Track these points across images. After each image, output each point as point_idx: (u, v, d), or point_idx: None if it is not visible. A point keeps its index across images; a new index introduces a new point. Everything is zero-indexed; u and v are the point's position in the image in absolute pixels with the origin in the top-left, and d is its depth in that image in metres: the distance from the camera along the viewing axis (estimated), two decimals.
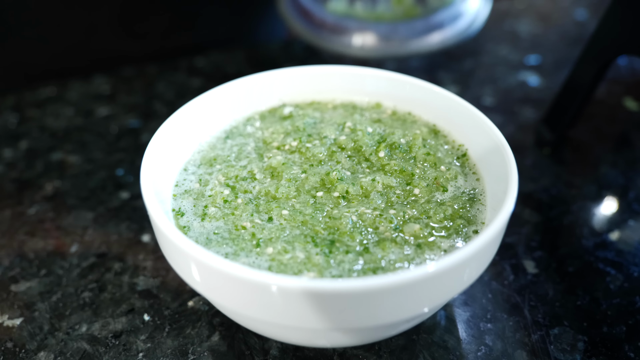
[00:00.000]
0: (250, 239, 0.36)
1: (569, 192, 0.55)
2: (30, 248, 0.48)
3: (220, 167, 0.42)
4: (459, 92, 0.71)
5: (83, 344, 0.40)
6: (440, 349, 0.40)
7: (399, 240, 0.35)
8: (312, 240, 0.35)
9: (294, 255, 0.34)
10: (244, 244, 0.35)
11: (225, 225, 0.37)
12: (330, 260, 0.34)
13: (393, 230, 0.36)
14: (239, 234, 0.36)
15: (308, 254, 0.34)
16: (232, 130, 0.46)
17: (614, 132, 0.65)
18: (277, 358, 0.39)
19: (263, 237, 0.36)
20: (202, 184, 0.41)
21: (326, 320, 0.29)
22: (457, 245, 0.35)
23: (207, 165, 0.42)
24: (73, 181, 0.56)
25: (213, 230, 0.37)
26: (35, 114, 0.67)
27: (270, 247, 0.35)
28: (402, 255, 0.34)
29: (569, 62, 0.78)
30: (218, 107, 0.45)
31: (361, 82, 0.48)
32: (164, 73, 0.75)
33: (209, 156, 0.43)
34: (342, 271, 0.33)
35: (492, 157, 0.39)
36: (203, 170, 0.42)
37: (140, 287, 0.45)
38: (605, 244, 0.48)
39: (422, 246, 0.35)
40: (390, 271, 0.33)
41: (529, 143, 0.62)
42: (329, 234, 0.36)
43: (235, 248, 0.35)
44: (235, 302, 0.31)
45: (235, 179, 0.40)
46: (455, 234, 0.36)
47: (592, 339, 0.40)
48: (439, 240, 0.36)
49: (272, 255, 0.34)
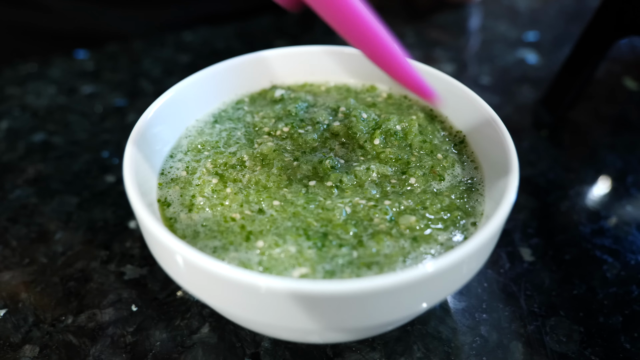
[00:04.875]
0: (240, 231, 0.34)
1: (566, 176, 0.54)
2: (13, 235, 0.47)
3: (209, 153, 0.40)
4: (456, 70, 0.69)
5: (69, 336, 0.39)
6: (435, 340, 0.39)
7: (394, 233, 0.34)
8: (304, 233, 0.34)
9: (285, 249, 0.33)
10: (233, 237, 0.34)
11: (213, 217, 0.35)
12: (323, 254, 0.32)
13: (388, 222, 0.35)
14: (228, 226, 0.35)
15: (300, 247, 0.33)
16: (221, 114, 0.44)
17: (612, 113, 0.63)
18: (268, 350, 0.38)
19: (253, 229, 0.34)
20: (189, 172, 0.39)
21: (318, 321, 0.28)
22: (454, 239, 0.34)
23: (194, 152, 0.40)
24: (56, 164, 0.54)
25: (201, 222, 0.35)
26: (15, 91, 0.65)
27: (261, 240, 0.33)
28: (397, 249, 0.33)
29: (568, 38, 0.76)
30: (206, 90, 0.43)
31: (356, 63, 0.46)
32: (150, 49, 0.72)
33: (197, 142, 0.41)
34: (335, 266, 0.32)
35: (491, 145, 0.38)
36: (190, 157, 0.40)
37: (127, 276, 0.43)
38: (602, 230, 0.48)
39: (419, 239, 0.34)
40: (386, 266, 0.32)
41: (526, 124, 0.60)
42: (322, 226, 0.34)
43: (224, 241, 0.34)
44: (222, 302, 0.30)
45: (224, 166, 0.39)
46: (453, 227, 0.35)
47: (588, 329, 0.40)
48: (436, 233, 0.34)
49: (262, 249, 0.33)
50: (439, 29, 0.79)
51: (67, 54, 0.71)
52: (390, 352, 0.38)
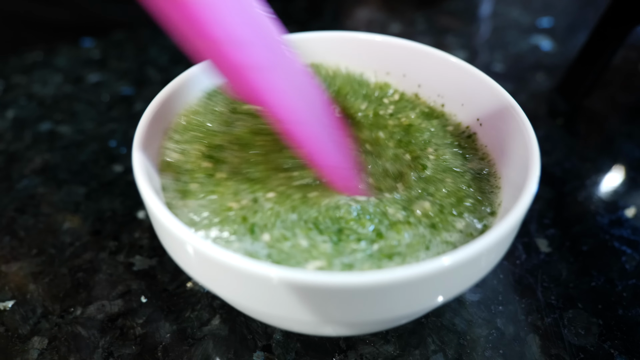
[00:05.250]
0: (242, 222, 0.32)
1: (583, 165, 0.52)
2: (20, 225, 0.46)
3: (202, 135, 0.38)
4: (468, 57, 0.68)
5: (78, 328, 0.38)
6: (450, 332, 0.38)
7: (412, 221, 0.33)
8: (315, 227, 0.32)
9: (296, 242, 0.31)
10: (236, 227, 0.32)
11: (210, 205, 0.33)
12: (340, 249, 0.31)
13: (402, 210, 0.33)
14: (228, 216, 0.32)
15: (313, 241, 0.31)
16: (216, 91, 0.42)
17: (629, 100, 0.62)
18: (280, 342, 0.37)
19: (257, 221, 0.32)
20: (183, 155, 0.37)
21: (331, 314, 0.27)
22: (473, 227, 0.33)
23: (187, 133, 0.38)
24: (63, 153, 0.54)
25: (197, 209, 0.33)
26: (21, 80, 0.64)
27: (267, 233, 0.31)
28: (418, 237, 0.32)
29: (583, 24, 0.74)
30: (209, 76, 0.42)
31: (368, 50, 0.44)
32: (157, 37, 0.71)
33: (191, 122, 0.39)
34: (354, 259, 0.31)
35: (508, 133, 0.37)
36: (182, 138, 0.38)
37: (136, 267, 0.43)
38: (620, 221, 0.47)
39: (437, 226, 0.33)
40: (408, 256, 0.31)
41: (541, 113, 0.59)
42: (333, 223, 0.32)
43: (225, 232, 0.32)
44: (233, 293, 0.29)
45: (214, 149, 0.37)
46: (470, 215, 0.34)
47: (607, 322, 0.39)
48: (453, 220, 0.33)
49: (269, 243, 0.31)
50: (450, 15, 0.78)
51: (73, 42, 0.70)
52: (404, 344, 0.37)
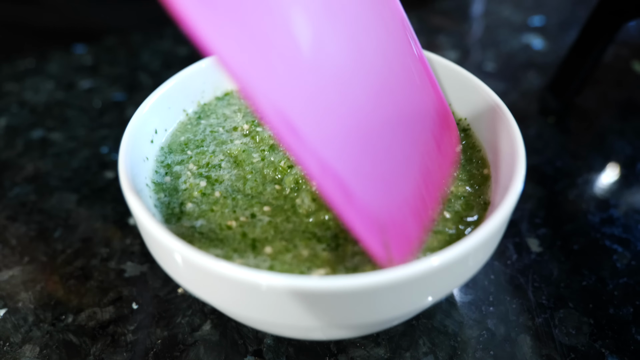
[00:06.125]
0: (242, 238, 0.32)
1: (574, 163, 0.52)
2: (12, 233, 0.46)
3: (192, 153, 0.38)
4: (460, 57, 0.68)
5: (69, 336, 0.38)
6: (441, 334, 0.38)
7: None
8: (313, 236, 0.32)
9: (297, 253, 0.31)
10: (237, 245, 0.32)
11: (208, 224, 0.33)
12: (340, 254, 0.31)
13: None
14: (227, 234, 0.32)
15: (313, 250, 0.31)
16: (205, 108, 0.42)
17: (621, 98, 0.62)
18: (271, 347, 0.38)
19: (257, 236, 0.32)
20: (174, 177, 0.37)
21: (319, 319, 0.27)
22: (462, 228, 0.33)
23: (178, 152, 0.39)
24: (55, 160, 0.54)
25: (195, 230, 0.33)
26: (13, 87, 0.64)
27: (268, 246, 0.31)
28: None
29: (574, 23, 0.74)
30: (205, 81, 0.42)
31: None
32: (149, 42, 0.71)
33: (180, 140, 0.39)
34: (356, 263, 0.30)
35: (496, 132, 0.37)
36: (174, 158, 0.38)
37: (127, 273, 0.43)
38: (612, 219, 0.47)
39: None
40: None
41: (532, 111, 0.59)
42: (326, 230, 0.32)
43: (226, 249, 0.32)
44: (222, 301, 0.29)
45: (207, 167, 0.37)
46: (459, 216, 0.34)
47: (598, 321, 0.39)
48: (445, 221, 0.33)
49: (272, 255, 0.31)
50: (442, 14, 0.78)
51: (65, 49, 0.70)
52: (395, 347, 0.37)
